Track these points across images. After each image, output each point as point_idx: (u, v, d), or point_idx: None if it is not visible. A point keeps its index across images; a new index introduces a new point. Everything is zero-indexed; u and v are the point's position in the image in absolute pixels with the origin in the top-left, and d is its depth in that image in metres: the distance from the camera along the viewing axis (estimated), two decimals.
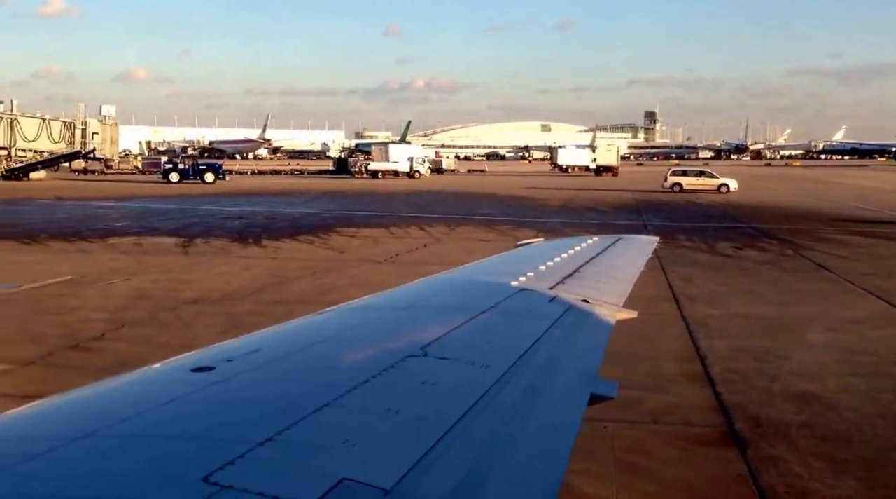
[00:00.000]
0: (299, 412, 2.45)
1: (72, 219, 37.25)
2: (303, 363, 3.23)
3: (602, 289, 5.57)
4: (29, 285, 18.81)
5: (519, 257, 7.24)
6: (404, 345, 3.50)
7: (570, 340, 4.07)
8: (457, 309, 4.46)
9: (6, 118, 69.77)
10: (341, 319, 4.34)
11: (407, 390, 2.87)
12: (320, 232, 31.68)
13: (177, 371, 3.00)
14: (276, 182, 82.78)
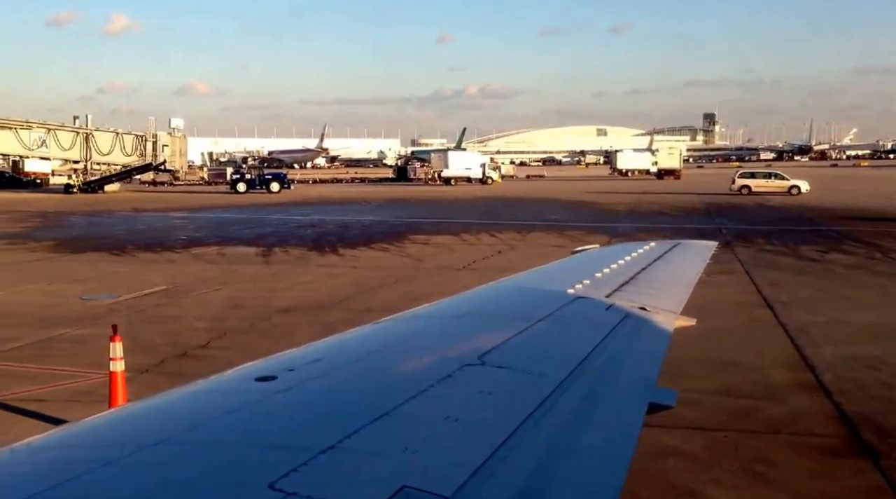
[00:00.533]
0: (360, 421, 2.49)
1: (153, 230, 38.13)
2: (363, 372, 3.27)
3: (659, 296, 5.51)
4: (127, 296, 19.35)
5: (575, 264, 7.16)
6: (462, 354, 3.49)
7: (628, 349, 4.02)
8: (513, 317, 4.45)
9: (82, 133, 71.63)
10: (400, 329, 4.37)
11: (465, 399, 2.89)
12: (393, 240, 31.96)
13: (241, 380, 3.08)
14: (339, 190, 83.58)
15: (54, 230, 38.01)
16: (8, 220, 43.01)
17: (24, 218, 44.32)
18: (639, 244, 7.99)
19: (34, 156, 70.46)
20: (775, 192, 59.88)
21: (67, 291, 20.26)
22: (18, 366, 13.02)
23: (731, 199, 56.33)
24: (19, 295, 19.71)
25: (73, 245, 30.93)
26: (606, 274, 6.00)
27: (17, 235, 35.65)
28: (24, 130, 68.18)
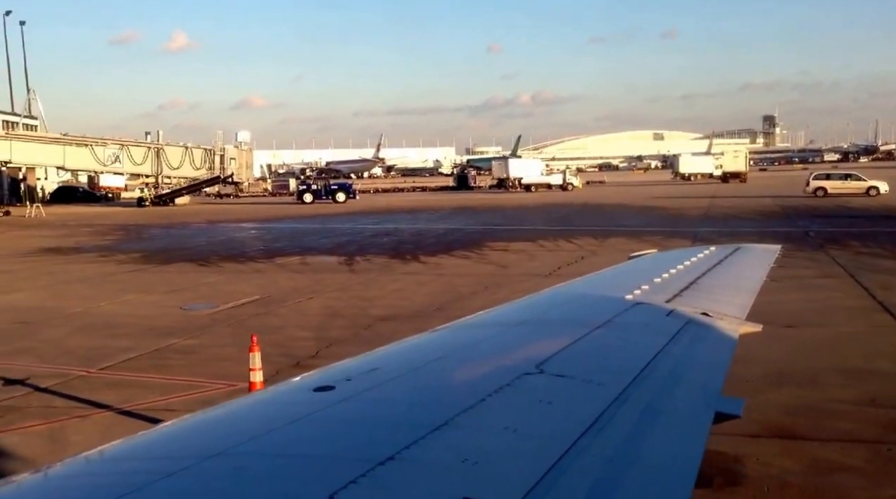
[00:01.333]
0: (418, 431, 2.47)
1: (233, 241, 38.77)
2: (420, 382, 3.24)
3: (722, 301, 5.36)
4: (224, 306, 19.67)
5: (633, 270, 7.04)
6: (520, 362, 3.44)
7: (691, 356, 3.91)
8: (571, 324, 4.38)
9: (153, 148, 73.25)
10: (457, 337, 4.32)
11: (524, 409, 2.85)
12: (471, 247, 32.03)
13: (299, 391, 3.09)
14: (403, 199, 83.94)
15: (138, 242, 38.86)
16: (92, 233, 44.09)
17: (107, 231, 45.40)
18: (698, 249, 7.85)
19: (108, 171, 72.19)
20: (853, 193, 58.62)
21: (166, 302, 20.68)
22: (139, 376, 13.33)
23: (808, 201, 55.38)
24: (122, 306, 20.19)
25: (160, 256, 31.58)
26: (665, 279, 5.88)
27: (104, 247, 36.54)
28: (99, 147, 69.96)
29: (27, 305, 20.31)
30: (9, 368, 13.76)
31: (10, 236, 42.85)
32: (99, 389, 12.58)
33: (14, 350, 15.29)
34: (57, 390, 12.56)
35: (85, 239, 40.54)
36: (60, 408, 11.61)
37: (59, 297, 21.79)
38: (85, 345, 15.70)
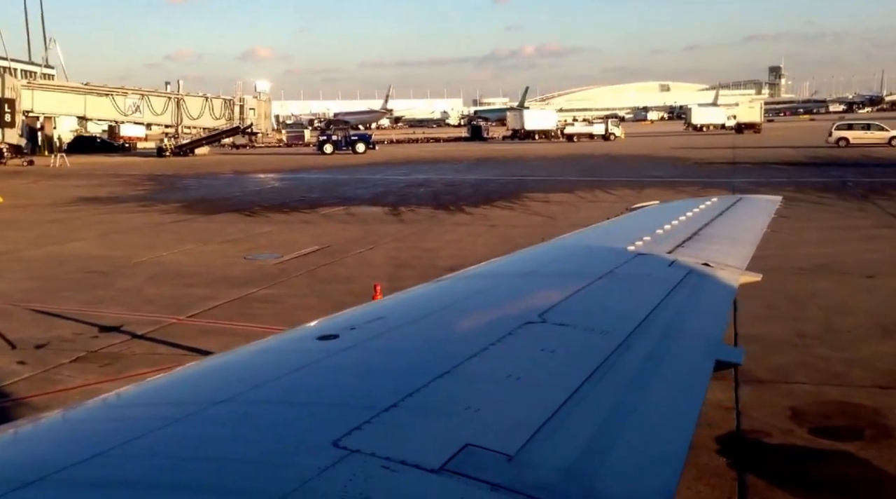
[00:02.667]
0: (422, 379, 2.48)
1: (270, 191, 38.97)
2: (424, 331, 3.27)
3: (723, 252, 5.40)
4: (288, 256, 19.76)
5: (635, 221, 7.06)
6: (523, 312, 3.47)
7: (692, 305, 3.95)
8: (574, 275, 4.39)
9: (173, 98, 72.97)
10: (460, 287, 4.35)
11: (526, 357, 2.86)
12: (511, 198, 32.07)
13: (303, 339, 3.10)
14: (421, 150, 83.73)
15: (173, 192, 38.87)
16: (123, 183, 44.13)
17: (137, 181, 45.42)
18: (700, 200, 7.87)
19: (129, 121, 72.02)
20: (875, 143, 58.61)
21: (227, 252, 20.79)
22: (230, 323, 13.45)
23: (832, 151, 55.18)
24: (185, 255, 20.30)
25: (202, 207, 31.62)
26: (668, 230, 5.90)
27: (141, 197, 36.59)
28: (119, 96, 69.72)
29: (89, 255, 20.42)
30: (100, 316, 13.92)
31: (44, 186, 42.89)
32: (195, 336, 12.73)
33: (96, 299, 15.42)
34: (154, 336, 12.72)
35: (118, 189, 40.57)
36: (165, 354, 11.77)
37: (117, 246, 21.88)
38: (165, 293, 15.82)
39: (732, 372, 9.20)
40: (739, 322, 11.38)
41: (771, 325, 12.23)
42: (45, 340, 12.40)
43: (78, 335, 12.77)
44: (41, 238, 23.46)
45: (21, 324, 13.44)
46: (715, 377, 3.07)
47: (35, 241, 22.88)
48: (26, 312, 14.28)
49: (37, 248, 21.63)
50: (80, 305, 14.74)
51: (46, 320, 13.72)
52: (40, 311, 14.33)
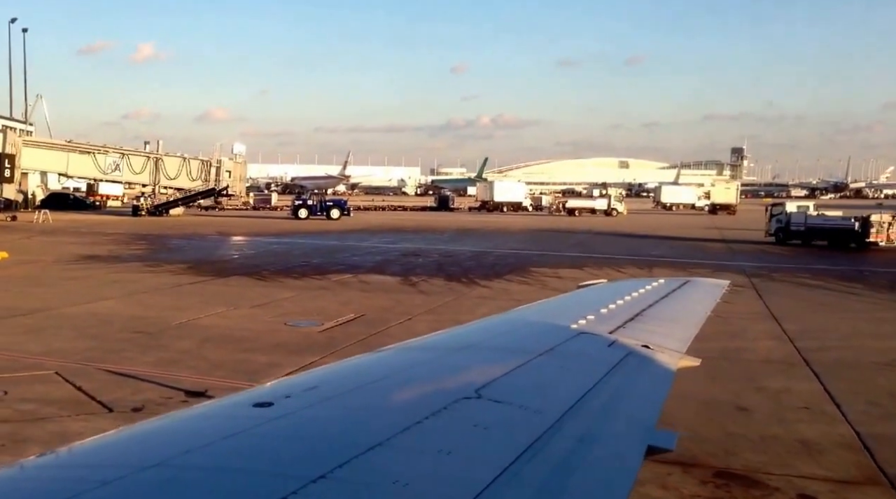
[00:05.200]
0: (353, 450, 2.50)
1: (268, 254, 38.65)
2: (358, 402, 3.27)
3: (665, 334, 5.41)
4: (329, 324, 19.61)
5: (581, 299, 7.08)
6: (459, 386, 3.47)
7: (629, 387, 3.96)
8: (513, 351, 4.41)
9: (152, 157, 72.58)
10: (398, 359, 4.37)
11: (459, 433, 2.88)
12: (520, 272, 32.22)
13: (239, 406, 3.12)
14: (393, 218, 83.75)
15: (171, 253, 38.48)
16: (115, 241, 43.50)
17: (128, 240, 44.82)
18: (648, 280, 7.89)
19: (108, 179, 71.34)
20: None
21: (262, 317, 20.60)
22: None
23: None
24: (221, 319, 20.07)
25: (209, 269, 31.30)
26: (612, 310, 5.92)
27: (141, 256, 36.22)
28: (100, 155, 69.15)
29: (127, 315, 20.11)
30: (176, 379, 13.71)
31: (38, 242, 42.13)
32: None
33: (160, 361, 15.19)
34: None
35: (114, 247, 40.01)
36: None
37: (148, 307, 21.57)
38: (228, 358, 15.63)
39: None
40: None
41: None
42: (139, 404, 12.16)
43: (167, 399, 12.54)
44: (68, 296, 23.08)
45: (102, 385, 13.16)
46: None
47: (64, 298, 22.48)
48: (101, 372, 14.01)
49: (71, 305, 21.25)
50: (149, 367, 14.51)
51: (126, 382, 13.47)
52: (115, 372, 14.08)
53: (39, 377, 13.55)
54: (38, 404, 12.03)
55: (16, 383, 13.04)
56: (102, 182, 72.01)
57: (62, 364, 14.39)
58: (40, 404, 12.04)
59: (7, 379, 13.26)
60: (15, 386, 12.86)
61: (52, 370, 13.95)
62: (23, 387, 12.87)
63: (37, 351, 15.50)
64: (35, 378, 13.49)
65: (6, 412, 11.52)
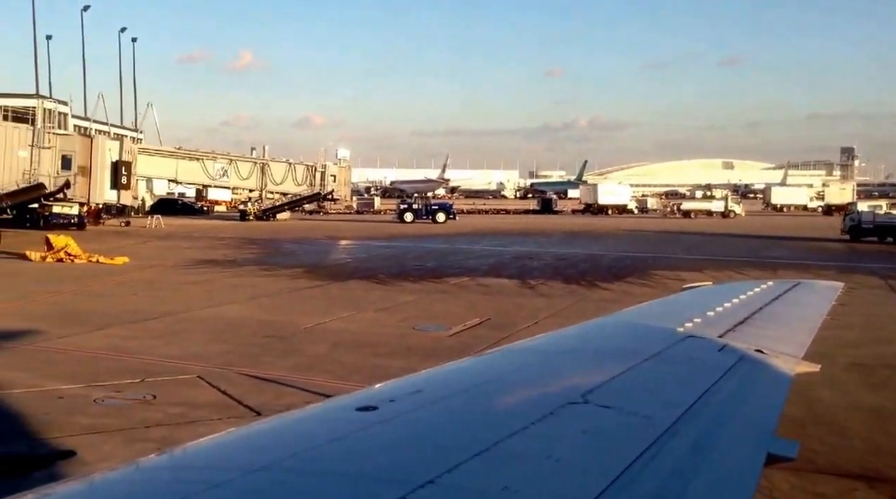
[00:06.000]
0: (459, 456, 2.43)
1: (380, 259, 38.62)
2: (463, 406, 3.19)
3: (778, 338, 5.14)
4: (457, 328, 19.27)
5: (686, 302, 6.85)
6: (565, 391, 3.40)
7: (744, 393, 3.80)
8: (620, 355, 4.27)
9: (259, 163, 73.91)
10: (503, 362, 4.27)
11: (567, 439, 2.79)
12: (639, 275, 31.61)
13: (342, 410, 3.06)
14: (497, 221, 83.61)
15: (284, 257, 38.82)
16: (227, 246, 44.15)
17: (240, 245, 45.42)
18: (756, 283, 7.59)
19: (217, 185, 72.96)
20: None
21: (387, 321, 20.42)
22: None
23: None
24: (348, 323, 19.93)
25: (324, 272, 31.42)
26: (720, 312, 5.71)
27: (256, 260, 36.59)
28: (209, 161, 70.76)
29: (254, 319, 20.14)
30: (317, 384, 13.52)
31: (153, 247, 43.10)
32: None
33: (296, 365, 15.07)
34: None
35: (228, 251, 40.58)
36: None
37: (273, 311, 21.61)
38: (363, 363, 15.41)
39: None
40: None
41: None
42: (285, 408, 11.89)
43: (310, 404, 12.26)
44: (193, 300, 23.31)
45: (245, 389, 13.04)
46: None
47: (189, 302, 22.71)
48: (241, 376, 13.90)
49: (198, 309, 21.41)
50: (287, 372, 14.37)
51: (267, 386, 13.34)
52: (255, 376, 13.96)
53: (183, 381, 13.52)
54: (186, 407, 11.95)
55: (162, 387, 13.01)
56: (211, 187, 73.55)
57: (203, 368, 14.34)
58: (189, 407, 11.96)
59: (153, 383, 13.24)
60: (161, 390, 12.83)
61: (194, 374, 13.91)
62: (169, 391, 12.83)
63: (176, 355, 15.51)
64: (179, 382, 13.46)
65: (158, 416, 11.45)
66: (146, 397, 12.48)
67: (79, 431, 10.73)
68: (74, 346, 16.33)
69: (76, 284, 26.53)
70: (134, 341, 16.88)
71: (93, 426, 10.96)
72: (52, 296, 23.69)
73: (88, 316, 20.01)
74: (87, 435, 10.54)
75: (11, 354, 15.42)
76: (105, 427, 10.94)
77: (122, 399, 12.39)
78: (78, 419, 11.29)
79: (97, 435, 10.56)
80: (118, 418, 11.48)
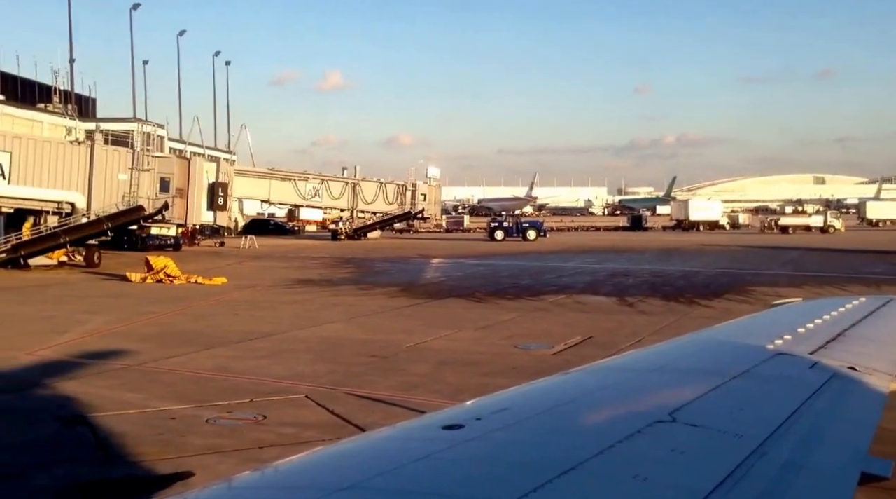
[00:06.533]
0: (546, 474, 2.40)
1: (473, 277, 38.58)
2: (550, 424, 3.15)
3: (872, 355, 5.00)
4: (559, 346, 18.99)
5: (775, 318, 6.68)
6: (652, 409, 3.34)
7: (836, 411, 3.70)
8: (708, 372, 4.17)
9: (350, 182, 74.89)
10: (589, 380, 4.20)
11: (655, 458, 2.73)
12: (737, 292, 30.84)
13: (429, 428, 3.05)
14: (587, 238, 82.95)
15: (379, 276, 39.05)
16: (322, 266, 44.66)
17: (335, 264, 45.88)
18: (846, 299, 7.47)
19: (308, 205, 74.07)
20: None
21: (488, 339, 20.23)
22: None
23: None
24: (449, 341, 19.80)
25: (419, 291, 31.48)
26: (810, 329, 5.57)
27: (352, 280, 36.87)
28: (301, 181, 71.97)
29: (354, 338, 20.14)
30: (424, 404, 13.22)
31: (250, 267, 43.81)
32: None
33: (402, 385, 14.95)
34: None
35: (323, 271, 41.03)
36: None
37: (373, 330, 21.60)
38: (468, 382, 15.18)
39: None
40: None
41: None
42: None
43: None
44: (294, 319, 23.47)
45: (353, 409, 12.95)
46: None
47: (290, 322, 22.87)
48: (348, 396, 13.84)
49: (298, 329, 21.53)
50: (394, 392, 14.26)
51: (375, 406, 13.27)
52: (362, 395, 13.90)
53: (292, 401, 13.51)
54: (297, 427, 11.91)
55: (271, 407, 13.02)
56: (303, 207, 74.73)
57: (310, 388, 14.32)
58: (299, 427, 11.92)
59: (262, 403, 13.27)
60: (271, 410, 12.84)
61: (302, 394, 13.89)
62: (279, 411, 12.83)
63: (282, 375, 15.56)
64: (287, 402, 13.46)
65: (270, 436, 11.44)
66: (257, 416, 12.50)
67: (194, 451, 10.78)
68: (182, 366, 16.55)
69: (177, 304, 27.02)
70: (240, 361, 17.02)
71: (207, 447, 11.00)
72: (155, 317, 24.15)
73: (193, 336, 20.31)
74: (203, 455, 10.57)
75: (124, 375, 15.69)
76: (219, 447, 10.97)
77: (233, 419, 12.44)
78: (192, 440, 11.35)
79: (213, 455, 10.58)
80: (231, 438, 11.51)
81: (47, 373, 15.76)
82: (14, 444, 11.22)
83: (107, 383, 14.96)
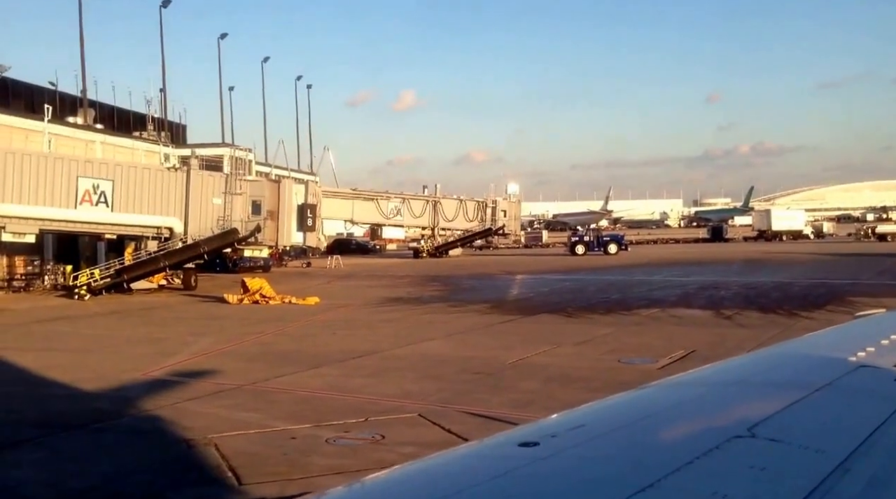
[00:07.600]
0: (623, 492, 2.35)
1: (562, 291, 38.58)
2: (626, 440, 3.10)
3: None
4: (664, 361, 18.87)
5: (857, 330, 6.19)
6: (730, 424, 3.24)
7: None
8: (787, 386, 4.02)
9: (430, 201, 75.48)
10: (664, 396, 4.06)
11: (735, 474, 2.66)
12: (836, 302, 30.30)
13: (505, 446, 3.05)
14: (669, 251, 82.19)
15: (467, 293, 39.18)
16: (409, 284, 45.07)
17: (422, 282, 46.28)
18: None
19: (390, 224, 74.89)
20: None
21: (589, 354, 20.22)
22: None
23: None
24: (550, 357, 19.79)
25: (511, 307, 31.56)
26: (894, 341, 5.18)
27: (441, 298, 37.10)
28: (383, 200, 72.81)
29: (455, 356, 20.27)
30: None
31: (340, 286, 44.48)
32: None
33: (514, 402, 15.00)
34: None
35: (411, 289, 41.41)
36: None
37: (472, 347, 21.73)
38: (579, 397, 14.87)
39: None
40: None
41: None
42: None
43: None
44: (391, 338, 23.71)
45: (468, 427, 13.01)
46: None
47: (389, 340, 23.11)
48: (461, 414, 13.94)
49: (398, 347, 21.77)
50: (506, 409, 14.32)
51: (490, 424, 13.23)
52: (475, 413, 13.98)
53: (406, 420, 13.66)
54: (416, 446, 12.01)
55: (387, 426, 13.17)
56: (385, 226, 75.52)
57: (422, 406, 14.46)
58: (418, 446, 12.01)
59: (377, 422, 13.44)
60: (388, 429, 12.99)
61: (414, 413, 14.05)
62: (395, 430, 12.98)
63: (392, 393, 15.74)
64: (401, 421, 13.61)
65: (392, 457, 11.56)
66: (374, 436, 12.66)
67: (319, 471, 10.96)
68: (293, 385, 16.86)
69: (276, 324, 27.54)
70: (348, 380, 17.27)
71: (332, 467, 11.17)
72: (257, 337, 24.66)
73: (297, 356, 20.68)
74: (330, 476, 10.73)
75: (238, 395, 16.05)
76: (344, 468, 11.14)
77: (352, 439, 12.61)
78: (316, 460, 11.55)
79: (339, 476, 10.74)
80: (354, 458, 11.68)
81: (165, 393, 16.21)
82: (148, 464, 11.59)
83: (223, 402, 15.32)
